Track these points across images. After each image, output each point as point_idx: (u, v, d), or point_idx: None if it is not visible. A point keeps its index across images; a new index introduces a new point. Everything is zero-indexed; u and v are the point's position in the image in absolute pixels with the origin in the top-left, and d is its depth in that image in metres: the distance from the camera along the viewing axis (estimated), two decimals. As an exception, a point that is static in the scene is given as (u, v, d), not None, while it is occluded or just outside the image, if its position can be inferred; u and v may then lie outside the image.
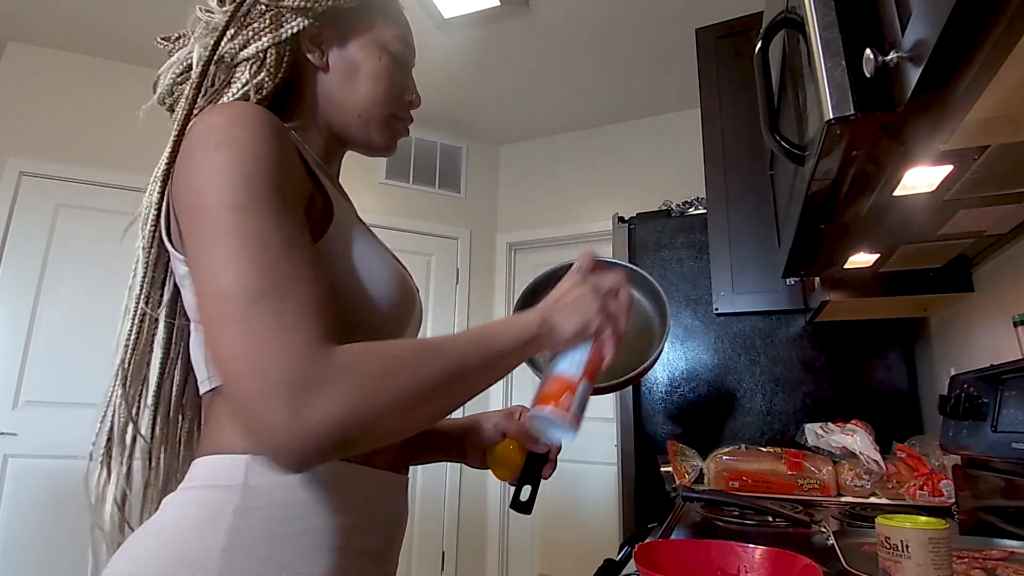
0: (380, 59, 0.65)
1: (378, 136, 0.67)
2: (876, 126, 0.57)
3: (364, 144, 0.68)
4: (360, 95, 0.65)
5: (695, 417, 1.83)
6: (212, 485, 0.50)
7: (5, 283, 2.42)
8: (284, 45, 0.60)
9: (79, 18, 2.48)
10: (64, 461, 2.38)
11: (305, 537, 0.48)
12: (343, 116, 0.65)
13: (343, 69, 0.64)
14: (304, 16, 0.60)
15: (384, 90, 0.66)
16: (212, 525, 0.47)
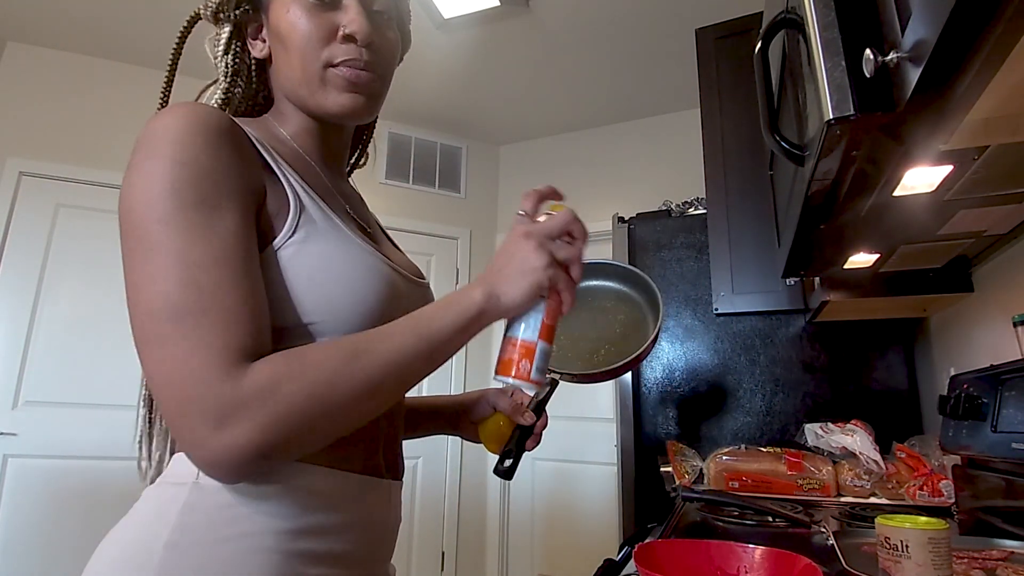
0: (288, 13, 0.58)
1: (324, 97, 0.59)
2: (876, 126, 0.57)
3: (321, 112, 0.61)
4: (290, 64, 0.60)
5: (695, 417, 1.83)
6: (169, 481, 0.50)
7: (5, 283, 2.42)
8: (228, 52, 0.61)
9: (79, 18, 2.48)
10: (64, 461, 2.38)
11: (248, 540, 0.47)
12: (294, 91, 0.61)
13: (276, 47, 0.61)
14: (225, 21, 0.61)
15: (301, 46, 0.58)
16: (158, 521, 0.48)
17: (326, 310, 0.51)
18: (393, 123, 3.25)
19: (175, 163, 0.46)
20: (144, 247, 0.45)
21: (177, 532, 0.46)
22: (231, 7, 0.61)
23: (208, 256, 0.45)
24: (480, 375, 3.19)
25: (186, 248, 0.44)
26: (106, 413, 2.47)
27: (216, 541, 0.46)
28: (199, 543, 0.46)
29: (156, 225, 0.45)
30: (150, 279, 0.44)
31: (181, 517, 0.47)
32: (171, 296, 0.43)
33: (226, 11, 0.61)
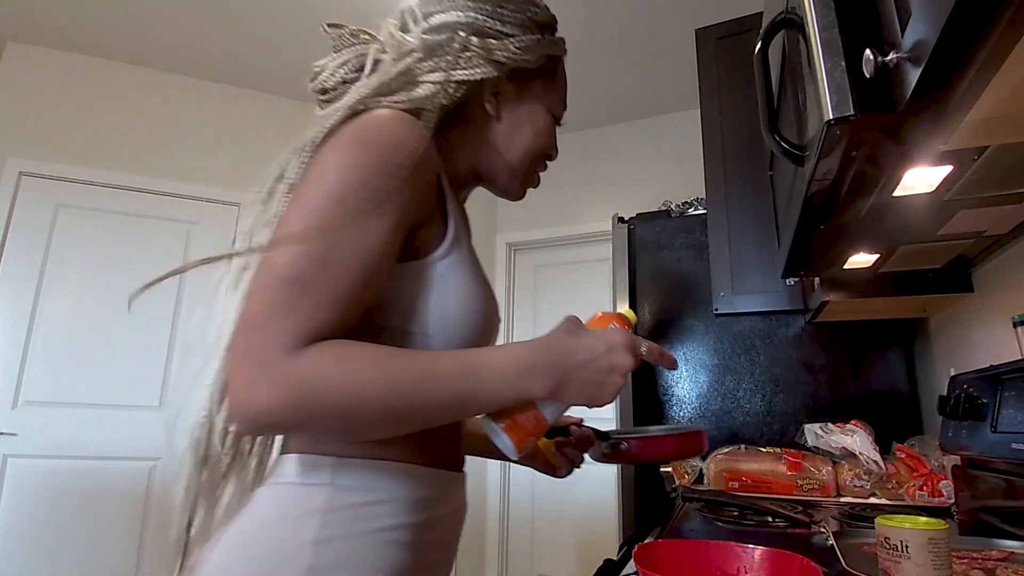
0: (542, 121, 0.71)
1: (518, 185, 0.73)
2: (876, 127, 0.57)
3: (502, 189, 0.73)
4: (516, 149, 0.70)
5: (695, 417, 1.83)
6: (302, 483, 0.54)
7: (5, 283, 2.42)
8: (468, 84, 0.64)
9: (79, 18, 2.48)
10: (64, 461, 2.38)
11: (385, 534, 0.54)
12: (494, 161, 0.70)
13: (510, 122, 0.69)
14: (497, 68, 0.65)
15: (536, 148, 0.71)
16: (304, 520, 0.52)
17: (440, 328, 0.57)
18: (393, 123, 3.25)
19: (375, 160, 0.52)
20: (310, 208, 0.51)
21: (324, 530, 0.51)
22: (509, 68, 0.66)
23: (347, 248, 0.50)
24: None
25: (336, 233, 0.50)
26: (106, 413, 2.47)
27: (360, 535, 0.53)
28: (345, 537, 0.52)
29: (329, 200, 0.50)
30: (294, 238, 0.49)
31: (325, 516, 0.52)
32: (299, 262, 0.48)
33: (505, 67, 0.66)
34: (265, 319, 0.47)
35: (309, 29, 2.49)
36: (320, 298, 0.48)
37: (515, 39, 0.66)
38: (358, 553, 0.52)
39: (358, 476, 0.54)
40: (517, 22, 0.67)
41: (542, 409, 0.57)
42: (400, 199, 0.53)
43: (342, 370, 0.47)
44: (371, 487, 0.54)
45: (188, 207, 2.75)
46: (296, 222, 0.50)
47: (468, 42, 0.63)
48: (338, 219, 0.50)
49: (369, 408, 0.48)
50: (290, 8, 2.37)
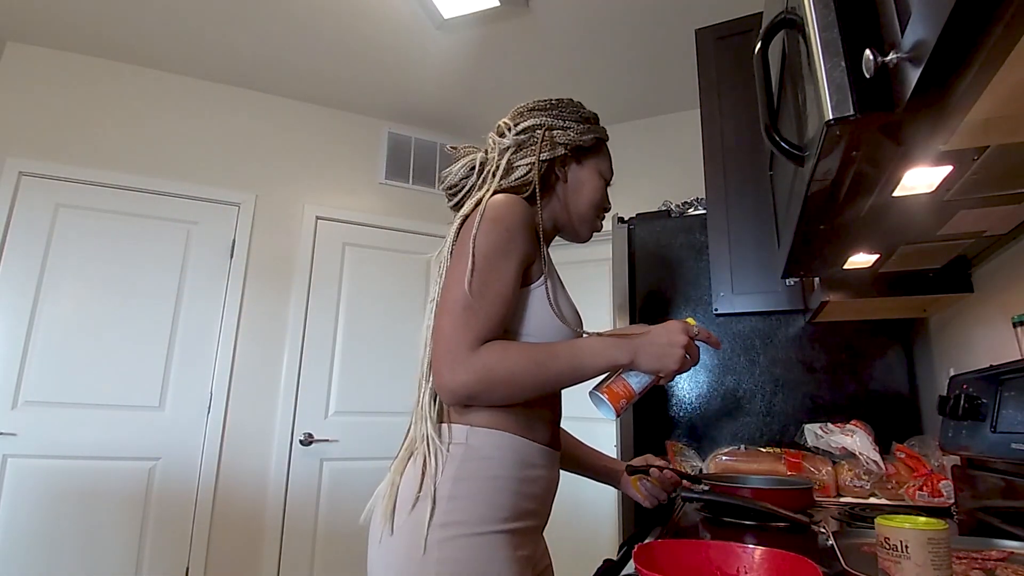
0: (597, 181, 1.02)
1: (585, 232, 1.05)
2: (875, 127, 0.57)
3: (573, 236, 1.06)
4: (581, 204, 1.01)
5: (695, 417, 1.83)
6: (452, 442, 0.83)
7: (5, 283, 2.42)
8: (547, 163, 0.97)
9: (79, 18, 2.48)
10: (63, 461, 2.38)
11: (500, 481, 0.81)
12: (566, 215, 1.01)
13: (574, 184, 1.01)
14: (565, 148, 0.98)
15: (595, 203, 1.02)
16: (449, 465, 0.81)
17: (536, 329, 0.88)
18: (393, 123, 3.25)
19: (504, 227, 0.84)
20: (466, 263, 0.82)
21: (461, 471, 0.80)
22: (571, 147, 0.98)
23: (493, 282, 0.82)
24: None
25: (486, 273, 0.82)
26: (106, 413, 2.47)
27: (485, 478, 0.81)
28: (474, 478, 0.80)
29: (480, 256, 0.82)
30: (462, 280, 0.81)
31: (462, 463, 0.81)
32: (464, 296, 0.80)
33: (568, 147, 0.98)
34: (455, 330, 0.78)
35: (309, 29, 2.49)
36: (484, 314, 0.80)
37: (573, 128, 0.99)
38: (479, 489, 0.79)
39: (483, 440, 0.82)
40: (573, 118, 1.00)
41: (628, 379, 0.85)
42: (519, 249, 0.85)
43: (505, 356, 0.79)
44: (494, 446, 0.82)
45: (188, 207, 2.75)
46: (461, 271, 0.81)
47: (544, 135, 0.96)
48: (486, 266, 0.81)
49: (522, 378, 0.79)
50: (290, 8, 2.37)
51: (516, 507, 0.81)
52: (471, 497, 0.79)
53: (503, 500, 0.80)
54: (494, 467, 0.81)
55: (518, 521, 0.81)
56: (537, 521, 0.88)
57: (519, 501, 0.82)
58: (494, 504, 0.79)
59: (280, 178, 2.96)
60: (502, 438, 0.83)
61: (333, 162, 3.07)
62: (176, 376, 2.60)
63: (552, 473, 0.91)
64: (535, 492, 0.86)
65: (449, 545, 0.75)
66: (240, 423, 2.65)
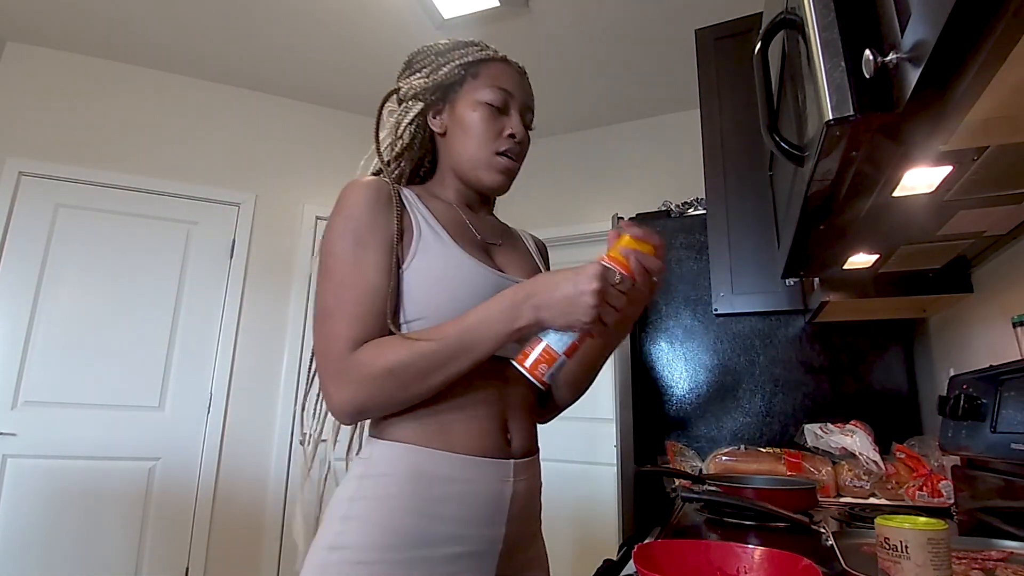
0: (475, 111, 0.82)
1: (486, 175, 0.83)
2: (875, 127, 0.57)
3: (478, 185, 0.85)
4: (466, 145, 0.83)
5: (694, 417, 1.83)
6: (359, 457, 0.75)
7: (4, 283, 2.42)
8: (412, 124, 0.85)
9: (79, 18, 2.48)
10: (63, 461, 2.38)
11: (395, 501, 0.69)
12: (461, 165, 0.84)
13: (454, 128, 0.84)
14: (418, 99, 0.84)
15: (479, 135, 0.82)
16: (349, 482, 0.72)
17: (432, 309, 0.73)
18: (393, 123, 3.25)
19: (348, 217, 0.74)
20: (322, 270, 0.73)
21: (358, 490, 0.71)
22: (429, 93, 0.84)
23: (351, 278, 0.71)
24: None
25: (340, 272, 0.72)
26: (105, 413, 2.47)
27: (379, 498, 0.70)
28: (369, 498, 0.70)
29: (328, 255, 0.73)
30: (320, 293, 0.73)
31: (361, 480, 0.72)
32: (325, 303, 0.71)
33: (424, 95, 0.84)
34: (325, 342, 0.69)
35: (309, 30, 2.49)
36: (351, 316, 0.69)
37: (421, 74, 0.84)
38: (373, 511, 0.69)
39: (383, 454, 0.72)
40: (423, 63, 0.85)
41: (546, 340, 0.68)
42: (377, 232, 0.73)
43: (378, 353, 0.68)
44: (389, 461, 0.71)
45: (188, 207, 2.75)
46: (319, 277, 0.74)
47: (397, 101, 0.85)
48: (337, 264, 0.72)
49: (406, 373, 0.67)
50: (290, 9, 2.37)
51: (421, 532, 0.68)
52: (363, 519, 0.68)
53: (400, 524, 0.68)
54: (389, 485, 0.70)
55: (425, 548, 0.68)
56: (466, 547, 0.71)
57: (425, 524, 0.69)
58: (388, 528, 0.68)
59: (280, 178, 2.96)
60: (399, 451, 0.71)
61: (333, 162, 3.07)
62: (176, 376, 2.60)
63: (483, 485, 0.73)
64: (450, 512, 0.70)
65: (334, 571, 0.67)
66: (240, 423, 2.65)
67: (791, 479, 1.39)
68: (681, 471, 1.60)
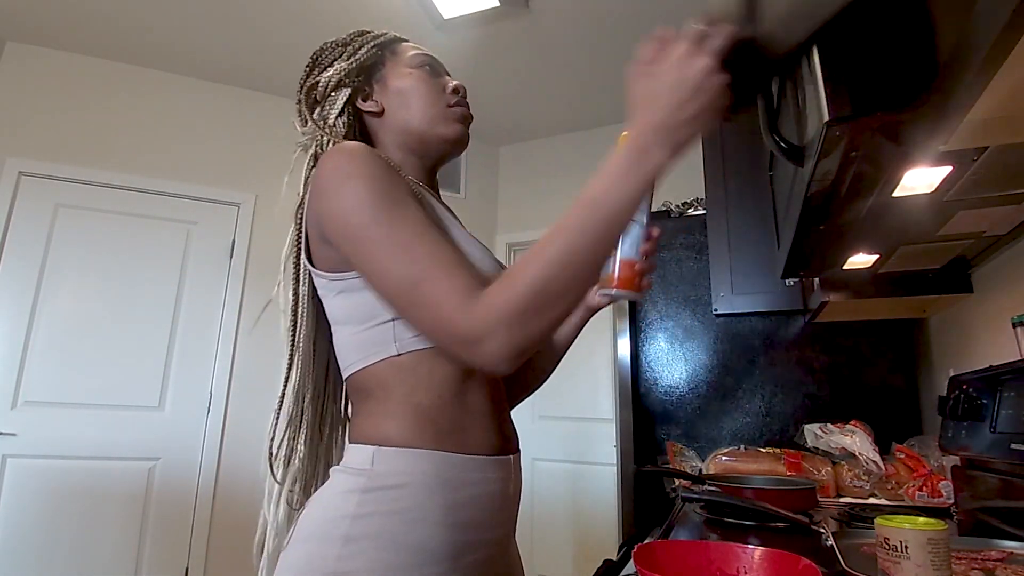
0: (411, 78, 0.80)
1: (445, 128, 0.80)
2: (875, 127, 0.57)
3: (439, 140, 0.80)
4: (414, 109, 0.79)
5: (694, 418, 1.83)
6: (351, 468, 0.64)
7: (4, 283, 2.42)
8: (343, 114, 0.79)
9: (79, 18, 2.48)
10: (63, 461, 2.38)
11: (412, 512, 0.61)
12: (413, 131, 0.80)
13: (393, 101, 0.80)
14: (342, 87, 0.79)
15: (425, 94, 0.80)
16: (347, 497, 0.62)
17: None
18: (393, 123, 3.25)
19: (366, 178, 0.63)
20: (372, 246, 0.61)
21: (361, 506, 0.61)
22: (353, 76, 0.80)
23: (414, 233, 0.61)
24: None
25: (399, 234, 0.60)
26: (105, 413, 2.47)
27: (390, 513, 0.61)
28: (378, 514, 0.61)
29: (374, 227, 0.61)
30: (386, 267, 0.60)
31: (363, 495, 0.61)
32: (405, 272, 0.59)
33: (348, 80, 0.79)
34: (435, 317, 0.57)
35: (309, 30, 2.48)
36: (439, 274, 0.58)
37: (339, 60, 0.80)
38: (388, 528, 0.60)
39: (391, 462, 0.63)
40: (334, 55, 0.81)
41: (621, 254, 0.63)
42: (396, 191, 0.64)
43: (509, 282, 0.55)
44: (401, 471, 0.63)
45: (188, 207, 2.75)
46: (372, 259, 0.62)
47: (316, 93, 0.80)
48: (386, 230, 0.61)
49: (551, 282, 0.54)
50: (290, 9, 2.37)
51: (446, 544, 0.62)
52: (375, 537, 0.59)
53: (424, 539, 0.60)
54: (406, 497, 0.62)
55: (449, 561, 0.62)
56: (484, 552, 0.66)
57: (450, 535, 0.62)
58: (409, 546, 0.60)
59: (280, 178, 2.96)
60: (418, 458, 0.63)
61: (333, 162, 3.07)
62: (176, 376, 2.60)
63: (497, 485, 0.69)
64: (472, 518, 0.65)
65: None
66: (240, 423, 2.65)
67: (791, 479, 1.39)
68: (681, 471, 1.59)
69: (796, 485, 1.23)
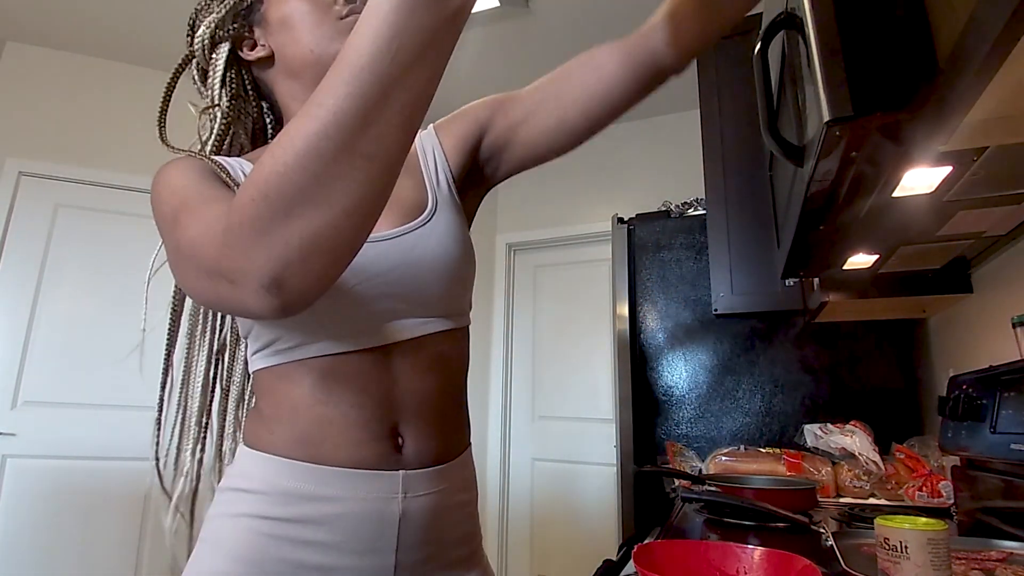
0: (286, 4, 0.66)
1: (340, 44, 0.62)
2: (875, 127, 0.57)
3: None
4: (303, 34, 0.66)
5: (694, 418, 1.83)
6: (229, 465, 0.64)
7: (4, 283, 2.42)
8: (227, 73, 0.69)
9: (79, 18, 2.48)
10: (63, 461, 2.38)
11: (245, 520, 0.58)
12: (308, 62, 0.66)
13: (278, 37, 0.67)
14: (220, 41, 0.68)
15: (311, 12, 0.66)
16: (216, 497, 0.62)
17: None
18: (393, 123, 3.25)
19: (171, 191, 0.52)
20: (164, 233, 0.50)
21: (215, 507, 0.60)
22: (228, 24, 0.67)
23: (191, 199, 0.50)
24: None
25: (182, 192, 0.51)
26: (105, 413, 2.47)
27: (226, 516, 0.59)
28: (218, 516, 0.59)
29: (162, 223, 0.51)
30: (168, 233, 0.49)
31: (219, 495, 0.61)
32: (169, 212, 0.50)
33: (223, 32, 0.67)
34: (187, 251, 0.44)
35: (309, 29, 2.48)
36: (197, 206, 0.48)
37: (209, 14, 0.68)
38: (220, 532, 0.58)
39: (243, 464, 0.61)
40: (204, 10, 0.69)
41: None
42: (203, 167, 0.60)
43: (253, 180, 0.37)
44: (245, 474, 0.60)
45: (188, 207, 2.75)
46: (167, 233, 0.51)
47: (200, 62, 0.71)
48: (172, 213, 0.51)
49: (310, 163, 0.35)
50: (290, 8, 2.37)
51: (280, 560, 0.56)
52: (212, 541, 0.58)
53: (252, 549, 0.56)
54: (243, 502, 0.58)
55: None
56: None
57: (287, 551, 0.56)
58: (237, 555, 0.56)
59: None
60: (257, 462, 0.59)
61: (333, 162, 3.07)
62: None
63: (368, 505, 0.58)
64: (319, 538, 0.57)
65: None
66: (240, 423, 2.65)
67: (791, 479, 1.39)
68: (681, 471, 1.60)
69: (796, 485, 1.23)
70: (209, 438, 0.78)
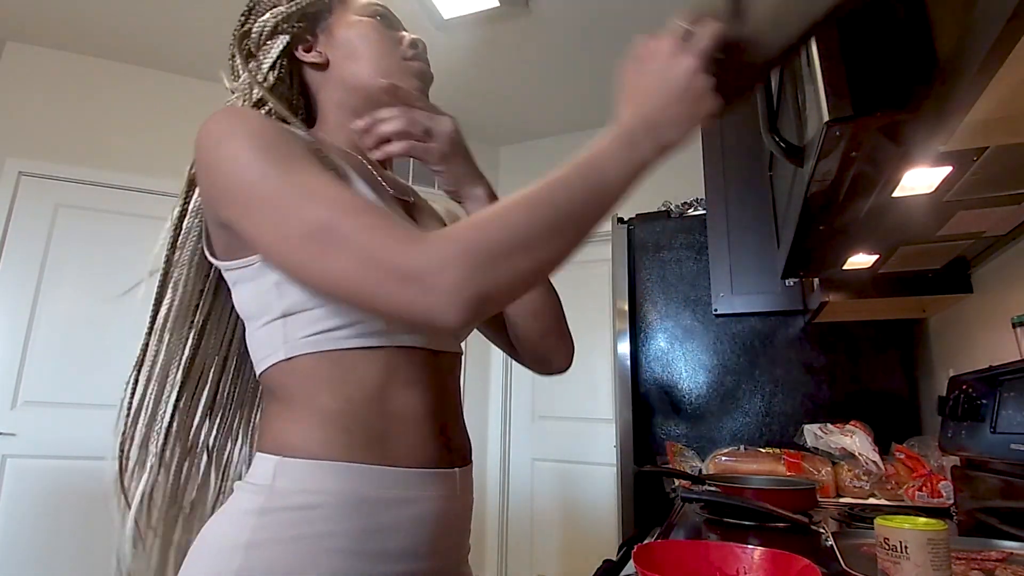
0: (362, 22, 0.70)
1: (403, 81, 0.69)
2: (875, 127, 0.57)
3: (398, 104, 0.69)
4: (364, 62, 0.69)
5: (694, 418, 1.83)
6: (251, 483, 0.54)
7: (4, 283, 2.42)
8: (277, 64, 0.68)
9: (79, 18, 2.48)
10: (63, 461, 2.37)
11: (318, 541, 0.51)
12: (361, 86, 0.68)
13: (340, 53, 0.69)
14: (279, 33, 0.68)
15: (379, 45, 0.69)
16: (240, 521, 0.52)
17: None
18: (393, 123, 3.25)
19: (249, 135, 0.51)
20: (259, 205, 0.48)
21: (257, 532, 0.50)
22: (293, 21, 0.69)
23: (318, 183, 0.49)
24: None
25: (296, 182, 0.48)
26: (105, 413, 2.44)
27: (290, 540, 0.50)
28: (276, 542, 0.50)
29: (262, 181, 0.49)
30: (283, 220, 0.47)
31: (259, 518, 0.51)
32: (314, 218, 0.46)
33: (287, 26, 0.69)
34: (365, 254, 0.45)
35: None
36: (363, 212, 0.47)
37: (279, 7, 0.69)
38: (289, 559, 0.50)
39: (295, 478, 0.53)
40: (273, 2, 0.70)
41: None
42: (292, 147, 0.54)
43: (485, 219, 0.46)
44: (305, 489, 0.52)
45: (188, 207, 2.75)
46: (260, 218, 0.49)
47: (250, 43, 0.70)
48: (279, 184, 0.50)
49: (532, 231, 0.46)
50: (290, 8, 2.38)
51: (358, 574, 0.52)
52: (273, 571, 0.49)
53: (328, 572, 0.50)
54: (315, 521, 0.51)
55: None
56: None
57: (366, 567, 0.52)
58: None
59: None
60: (326, 472, 0.52)
61: (333, 162, 3.07)
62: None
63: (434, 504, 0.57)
64: (397, 545, 0.54)
65: None
66: (240, 423, 2.65)
67: (791, 479, 1.39)
68: (681, 471, 1.60)
69: (796, 485, 1.23)
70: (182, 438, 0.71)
